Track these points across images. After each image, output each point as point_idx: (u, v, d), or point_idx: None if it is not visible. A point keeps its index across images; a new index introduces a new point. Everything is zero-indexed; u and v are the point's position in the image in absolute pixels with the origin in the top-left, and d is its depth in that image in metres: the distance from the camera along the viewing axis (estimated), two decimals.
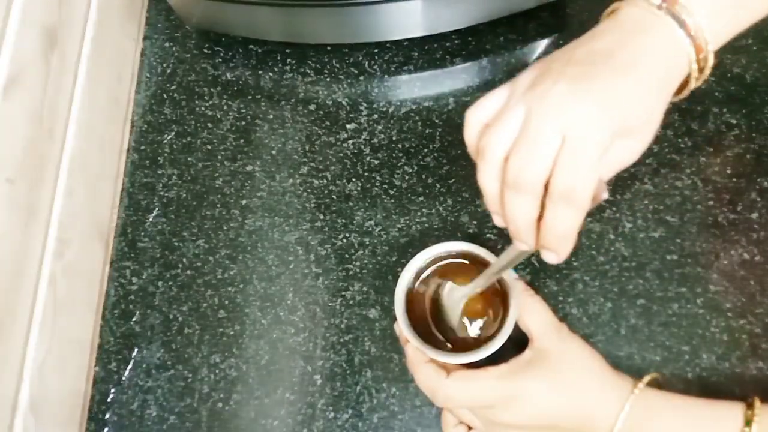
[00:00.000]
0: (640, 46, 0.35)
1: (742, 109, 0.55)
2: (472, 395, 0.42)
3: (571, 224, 0.34)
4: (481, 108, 0.38)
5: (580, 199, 0.34)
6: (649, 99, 0.35)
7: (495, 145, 0.35)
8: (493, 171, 0.36)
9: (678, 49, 0.36)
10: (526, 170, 0.34)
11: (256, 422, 0.52)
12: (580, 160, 0.33)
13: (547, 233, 0.35)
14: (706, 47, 0.36)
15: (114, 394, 0.54)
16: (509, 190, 0.35)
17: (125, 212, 0.59)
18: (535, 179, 0.34)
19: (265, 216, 0.57)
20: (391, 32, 0.58)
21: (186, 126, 0.61)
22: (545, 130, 0.33)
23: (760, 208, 0.52)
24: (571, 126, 0.33)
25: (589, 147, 0.33)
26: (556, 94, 0.34)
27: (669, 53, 0.35)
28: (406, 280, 0.47)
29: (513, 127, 0.35)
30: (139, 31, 0.65)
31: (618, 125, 0.34)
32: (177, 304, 0.55)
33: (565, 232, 0.35)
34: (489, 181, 0.36)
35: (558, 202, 0.34)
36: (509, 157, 0.35)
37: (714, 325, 0.50)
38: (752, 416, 0.39)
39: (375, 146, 0.58)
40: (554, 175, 0.34)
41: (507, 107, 0.36)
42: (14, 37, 0.46)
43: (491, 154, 0.35)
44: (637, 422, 0.41)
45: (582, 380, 0.43)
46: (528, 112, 0.34)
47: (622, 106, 0.34)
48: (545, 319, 0.45)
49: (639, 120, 0.35)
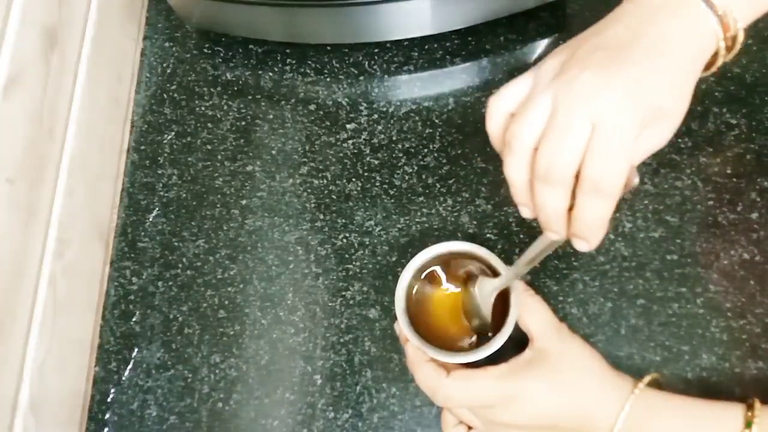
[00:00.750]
0: (666, 28, 0.34)
1: (742, 109, 0.55)
2: (471, 395, 0.42)
3: (603, 213, 0.34)
4: (505, 97, 0.37)
5: (612, 188, 0.33)
6: (677, 81, 0.34)
7: (523, 135, 0.34)
8: (521, 163, 0.35)
9: (705, 29, 0.34)
10: (557, 161, 0.33)
11: (256, 422, 0.52)
12: (611, 148, 0.32)
13: (579, 223, 0.35)
14: (734, 25, 0.35)
15: (114, 394, 0.54)
16: (539, 181, 0.34)
17: (125, 212, 0.59)
18: (566, 170, 0.33)
19: (265, 216, 0.57)
20: (391, 32, 0.58)
21: (186, 126, 0.61)
22: (574, 119, 0.33)
23: (760, 208, 0.52)
24: (600, 114, 0.32)
25: (619, 134, 0.33)
26: (583, 81, 0.33)
27: (696, 33, 0.34)
28: (407, 279, 0.47)
29: (541, 117, 0.34)
30: (139, 31, 0.65)
31: (648, 110, 0.33)
32: (177, 304, 0.55)
33: (597, 221, 0.34)
34: (518, 173, 0.36)
35: (590, 192, 0.33)
36: (539, 148, 0.34)
37: (714, 325, 0.50)
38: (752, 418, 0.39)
39: (375, 146, 0.58)
40: (585, 165, 0.33)
41: (533, 96, 0.35)
42: (14, 37, 0.46)
43: (519, 145, 0.35)
44: (637, 422, 0.41)
45: (582, 380, 0.43)
46: (555, 101, 0.34)
47: (651, 90, 0.33)
48: (545, 319, 0.45)
49: (668, 103, 0.34)
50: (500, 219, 0.54)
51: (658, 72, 0.34)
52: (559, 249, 0.53)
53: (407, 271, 0.47)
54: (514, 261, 0.44)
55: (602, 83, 0.33)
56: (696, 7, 0.34)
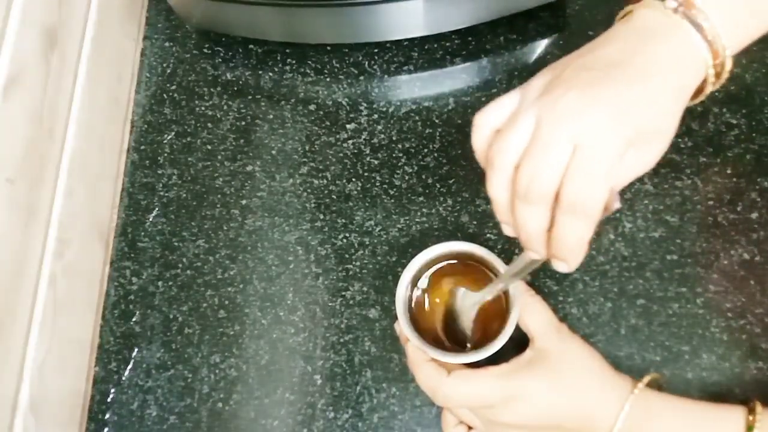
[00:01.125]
0: (655, 52, 0.34)
1: (742, 109, 0.55)
2: (472, 394, 0.42)
3: (581, 235, 0.34)
4: (491, 112, 0.37)
5: (591, 211, 0.33)
6: (664, 106, 0.34)
7: (505, 153, 0.34)
8: (503, 180, 0.35)
9: (694, 55, 0.34)
10: (537, 180, 0.33)
11: (256, 422, 0.52)
12: (591, 170, 0.32)
13: (557, 243, 0.34)
14: (723, 52, 0.35)
15: (114, 394, 0.54)
16: (519, 199, 0.34)
17: (125, 212, 0.59)
18: (545, 190, 0.33)
19: (265, 216, 0.57)
20: (391, 32, 0.58)
21: (186, 126, 0.61)
22: (556, 138, 0.33)
23: (760, 208, 0.52)
24: (583, 134, 0.32)
25: (601, 156, 0.32)
26: (568, 101, 0.33)
27: (685, 59, 0.34)
28: (408, 279, 0.47)
29: (524, 135, 0.34)
30: (139, 31, 0.65)
31: (632, 134, 0.33)
32: (177, 304, 0.55)
33: (575, 243, 0.34)
34: (499, 190, 0.36)
35: (568, 213, 0.33)
36: (519, 166, 0.34)
37: (714, 325, 0.50)
38: (753, 422, 0.39)
39: (375, 146, 0.58)
40: (564, 186, 0.33)
41: (518, 114, 0.35)
42: (14, 37, 0.46)
43: (501, 162, 0.35)
44: (637, 422, 0.41)
45: (582, 380, 0.43)
46: (539, 120, 0.34)
47: (637, 114, 0.33)
48: (545, 319, 0.45)
49: (654, 128, 0.34)
50: None
51: (646, 95, 0.33)
52: None
53: (408, 271, 0.47)
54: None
55: (587, 104, 0.33)
56: (687, 32, 0.34)
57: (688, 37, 0.34)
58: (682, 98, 0.35)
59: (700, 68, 0.35)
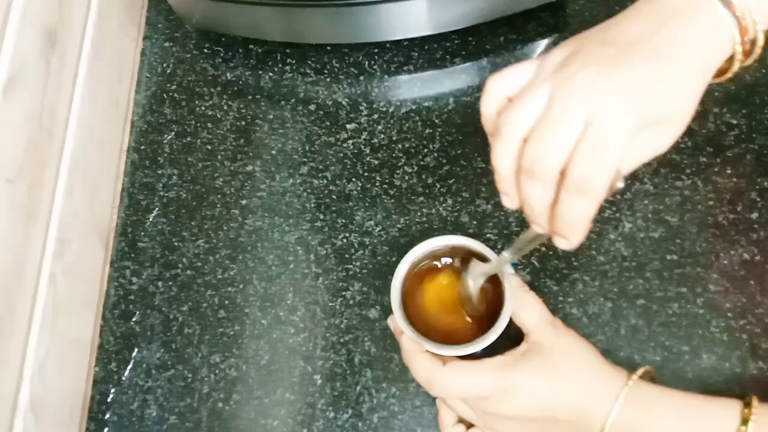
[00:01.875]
0: (678, 30, 0.33)
1: (742, 109, 0.55)
2: (468, 385, 0.42)
3: (583, 214, 0.33)
4: (505, 78, 0.36)
5: (596, 190, 0.32)
6: (684, 86, 0.33)
7: (514, 124, 0.34)
8: (509, 151, 0.34)
9: (721, 31, 0.33)
10: (544, 155, 0.32)
11: (256, 422, 0.52)
12: (600, 149, 0.32)
13: (560, 220, 0.34)
14: (753, 28, 0.33)
15: (114, 394, 0.54)
16: (524, 174, 0.34)
17: (125, 212, 0.59)
18: (551, 167, 0.33)
19: (265, 216, 0.57)
20: (391, 32, 0.58)
21: (186, 126, 0.61)
22: (568, 114, 0.32)
23: (760, 208, 0.52)
24: (595, 111, 0.31)
25: (612, 136, 0.31)
26: (584, 76, 0.32)
27: (710, 36, 0.33)
28: (402, 273, 0.47)
29: (535, 108, 0.33)
30: (139, 31, 0.65)
31: (648, 113, 0.32)
32: (177, 304, 0.55)
33: (577, 221, 0.34)
34: (504, 161, 0.35)
35: (572, 191, 0.33)
36: (528, 140, 0.33)
37: (714, 325, 0.50)
38: (749, 415, 0.39)
39: (375, 146, 0.58)
40: (571, 164, 0.32)
41: (532, 85, 0.34)
42: (14, 37, 0.46)
43: (509, 132, 0.34)
44: (632, 414, 0.41)
45: (576, 372, 0.43)
46: (553, 94, 0.33)
47: (654, 93, 0.32)
48: (539, 314, 0.45)
49: (671, 108, 0.33)
50: (500, 219, 0.54)
51: (665, 74, 0.32)
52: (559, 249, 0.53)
53: (403, 265, 0.47)
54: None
55: (603, 80, 0.32)
56: (714, 8, 0.33)
57: (716, 12, 0.33)
58: (703, 79, 0.34)
59: (727, 46, 0.34)
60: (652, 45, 0.33)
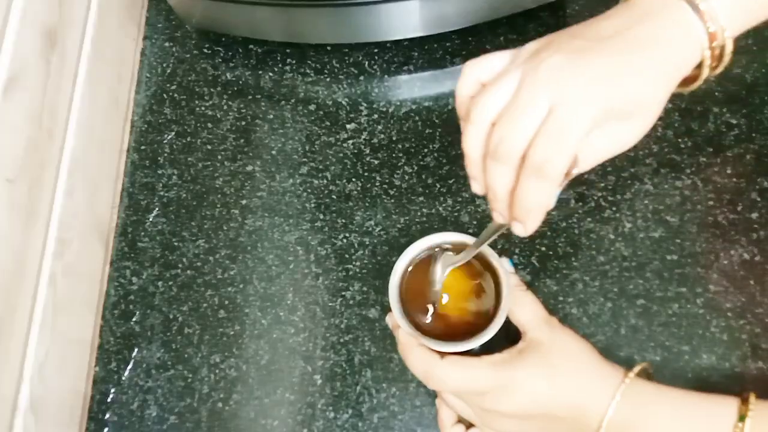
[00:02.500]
0: (648, 29, 0.34)
1: (742, 109, 0.55)
2: (465, 380, 0.42)
3: (541, 197, 0.34)
4: (482, 65, 0.37)
5: (553, 174, 0.33)
6: (649, 81, 0.34)
7: (484, 108, 0.35)
8: (478, 135, 0.36)
9: (690, 35, 0.34)
10: (508, 138, 0.34)
11: (256, 422, 0.52)
12: (560, 133, 0.33)
13: (517, 204, 0.35)
14: (722, 34, 0.34)
15: (114, 394, 0.54)
16: (489, 157, 0.35)
17: (125, 212, 0.59)
18: (513, 150, 0.34)
19: (265, 216, 0.57)
20: (391, 32, 0.58)
21: (186, 126, 0.61)
22: (534, 99, 0.33)
23: (760, 208, 0.52)
24: (559, 98, 0.33)
25: (573, 121, 0.32)
26: (551, 63, 0.33)
27: (679, 38, 0.34)
28: (401, 268, 0.47)
29: (505, 94, 0.34)
30: (139, 31, 0.65)
31: (611, 104, 0.33)
32: (177, 304, 0.55)
33: (533, 205, 0.35)
34: (473, 145, 0.36)
35: (530, 175, 0.34)
36: (495, 124, 0.35)
37: (714, 325, 0.50)
38: (746, 411, 0.39)
39: (375, 146, 0.58)
40: (531, 147, 0.33)
41: (504, 72, 0.35)
42: (14, 37, 0.46)
43: (478, 117, 0.35)
44: (629, 411, 0.41)
45: (573, 370, 0.43)
46: (522, 80, 0.34)
47: (619, 84, 0.33)
48: (536, 312, 0.45)
49: (636, 102, 0.34)
50: None
51: (632, 67, 0.33)
52: (559, 249, 0.53)
53: (401, 261, 0.47)
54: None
55: (570, 67, 0.33)
56: (683, 12, 0.34)
57: (684, 16, 0.34)
58: (670, 78, 0.35)
59: (696, 50, 0.35)
60: (621, 40, 0.34)
